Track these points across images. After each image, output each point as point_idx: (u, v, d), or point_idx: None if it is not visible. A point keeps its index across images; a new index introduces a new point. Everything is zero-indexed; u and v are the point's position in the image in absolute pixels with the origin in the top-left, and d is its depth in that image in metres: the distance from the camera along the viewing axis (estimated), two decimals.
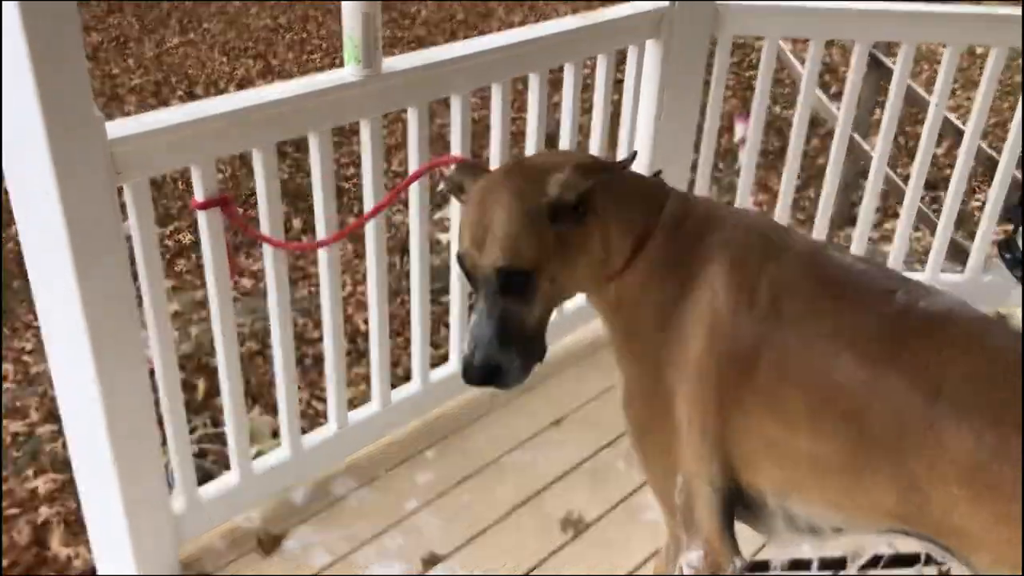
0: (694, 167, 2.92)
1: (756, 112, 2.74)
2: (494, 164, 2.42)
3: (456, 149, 2.31)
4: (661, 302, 1.38)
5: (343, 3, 1.93)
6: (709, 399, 1.35)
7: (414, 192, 2.27)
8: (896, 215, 3.25)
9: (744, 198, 2.90)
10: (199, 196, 1.85)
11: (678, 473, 1.41)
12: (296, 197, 4.60)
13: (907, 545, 1.87)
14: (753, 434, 1.33)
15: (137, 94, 6.72)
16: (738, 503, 1.42)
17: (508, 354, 1.34)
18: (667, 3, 2.54)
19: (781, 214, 2.86)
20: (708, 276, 1.33)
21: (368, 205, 2.19)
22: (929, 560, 1.92)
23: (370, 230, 2.22)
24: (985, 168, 3.92)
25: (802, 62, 3.13)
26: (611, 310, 1.47)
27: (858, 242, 2.90)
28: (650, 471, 1.50)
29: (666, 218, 1.39)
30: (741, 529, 1.48)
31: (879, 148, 2.86)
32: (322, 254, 2.15)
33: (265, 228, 2.00)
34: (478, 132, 5.34)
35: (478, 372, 1.34)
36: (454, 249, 2.43)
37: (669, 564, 1.53)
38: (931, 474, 1.13)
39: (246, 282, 4.01)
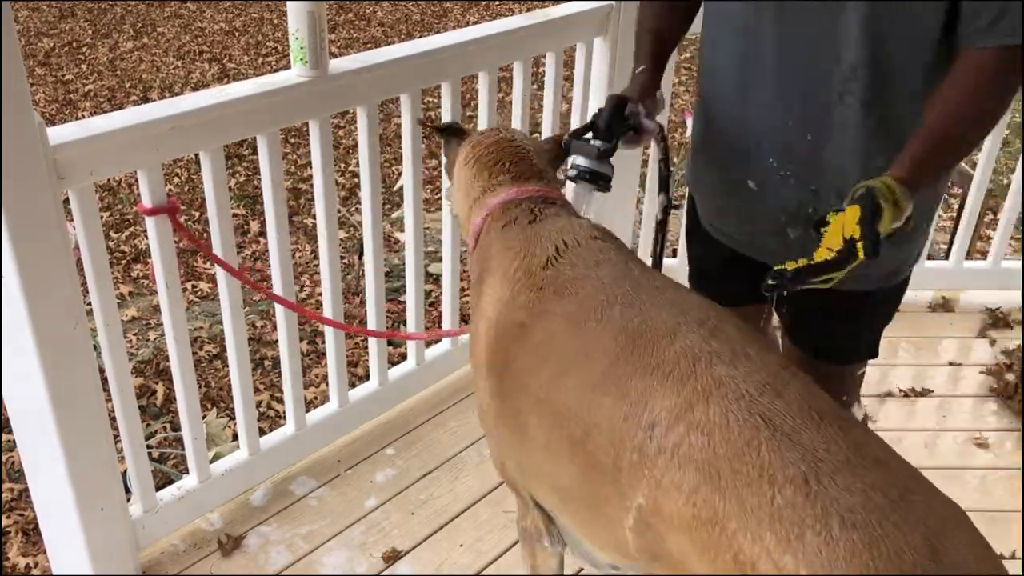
0: (645, 163, 2.96)
1: None
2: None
3: (408, 147, 2.32)
4: (473, 293, 1.51)
5: (288, 3, 1.94)
6: (489, 403, 1.42)
7: (369, 191, 2.28)
8: None
9: None
10: (146, 201, 1.85)
11: (497, 451, 1.50)
12: (254, 200, 4.59)
13: None
14: (515, 448, 1.37)
15: (91, 99, 6.64)
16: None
17: None
18: (613, 1, 2.58)
19: None
20: (490, 281, 1.42)
21: (320, 204, 2.20)
22: None
23: (322, 230, 2.23)
24: None
25: None
26: None
27: None
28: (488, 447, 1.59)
29: (502, 213, 1.51)
30: None
31: None
32: (274, 257, 2.16)
33: (215, 231, 2.00)
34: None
35: None
36: (411, 248, 2.47)
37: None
38: (659, 516, 1.04)
39: (204, 286, 3.99)
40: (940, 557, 0.89)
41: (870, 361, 1.77)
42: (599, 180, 1.52)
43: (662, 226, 1.66)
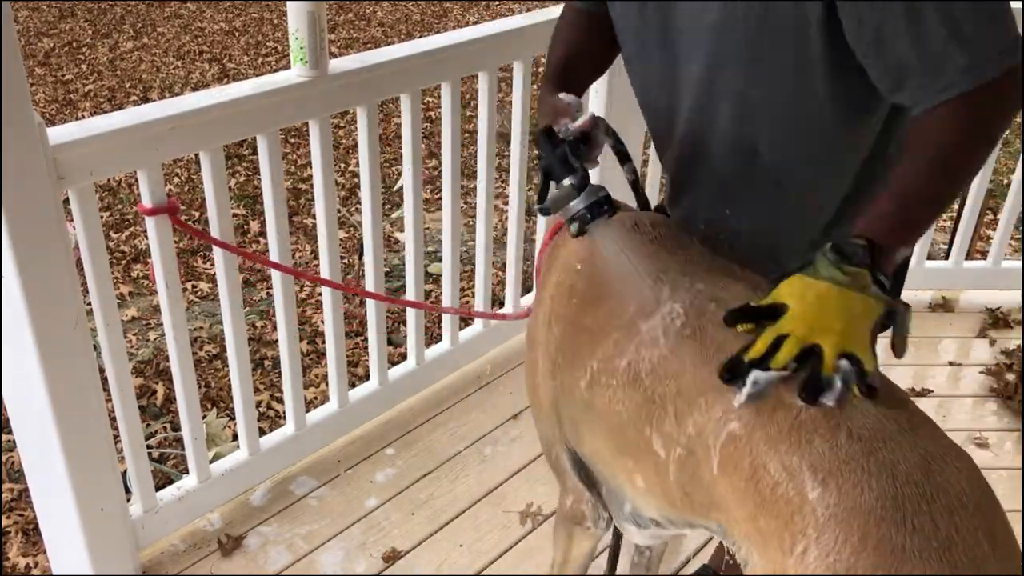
0: (646, 162, 2.96)
1: None
2: (446, 161, 2.45)
3: (408, 147, 2.32)
4: (543, 270, 1.57)
5: (288, 3, 1.94)
6: (546, 364, 1.45)
7: (369, 191, 2.28)
8: None
9: None
10: (146, 201, 1.85)
11: (545, 427, 1.53)
12: (254, 200, 4.59)
13: None
14: (573, 397, 1.38)
15: (91, 99, 6.64)
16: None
17: None
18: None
19: None
20: (564, 256, 1.47)
21: (320, 204, 2.20)
22: None
23: (322, 230, 2.23)
24: None
25: None
26: None
27: None
28: (537, 429, 1.62)
29: None
30: None
31: None
32: (275, 255, 2.15)
33: (215, 231, 2.00)
34: (435, 131, 5.37)
35: None
36: (411, 248, 2.47)
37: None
38: (700, 439, 1.13)
39: (204, 286, 3.99)
40: (932, 475, 0.97)
41: None
42: (603, 207, 1.30)
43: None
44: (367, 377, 2.66)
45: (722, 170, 1.42)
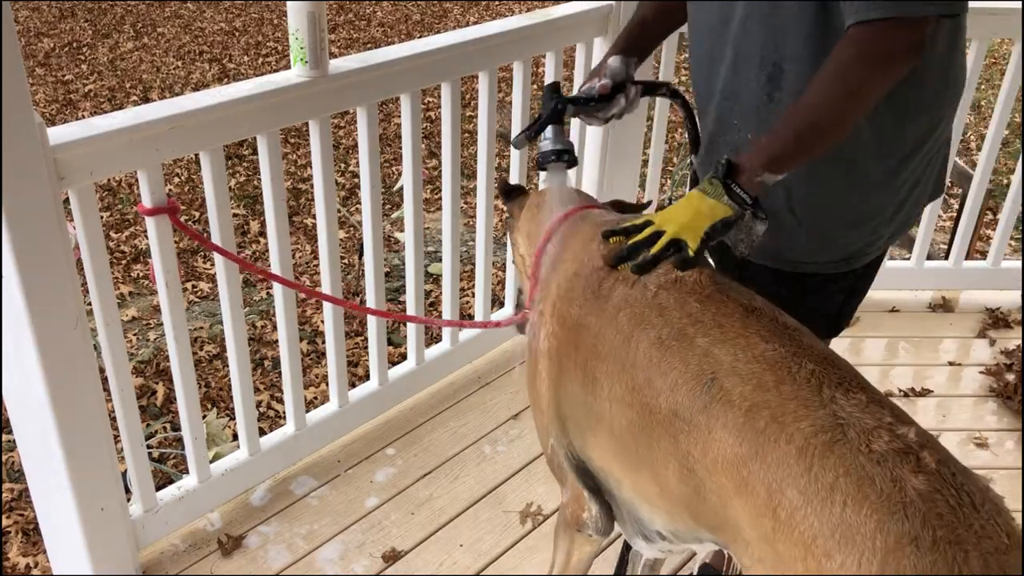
0: (646, 163, 2.97)
1: None
2: (446, 161, 2.45)
3: (408, 147, 2.33)
4: (541, 289, 1.58)
5: (288, 4, 1.94)
6: (551, 368, 1.48)
7: (369, 191, 2.28)
8: None
9: None
10: (146, 201, 1.85)
11: (548, 433, 1.55)
12: (254, 200, 4.60)
13: None
14: (575, 403, 1.41)
15: (91, 99, 6.64)
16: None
17: None
18: (613, 2, 2.58)
19: None
20: (564, 261, 1.51)
21: (320, 204, 2.20)
22: None
23: (322, 230, 2.23)
24: None
25: None
26: None
27: None
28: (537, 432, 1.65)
29: (568, 222, 1.62)
30: None
31: None
32: (275, 255, 2.16)
33: (215, 231, 2.00)
34: (435, 131, 5.37)
35: None
36: (411, 248, 2.47)
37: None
38: (704, 459, 1.16)
39: (204, 286, 3.99)
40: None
41: (870, 361, 1.78)
42: (562, 156, 1.63)
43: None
44: (367, 377, 2.66)
45: (754, 96, 1.49)
